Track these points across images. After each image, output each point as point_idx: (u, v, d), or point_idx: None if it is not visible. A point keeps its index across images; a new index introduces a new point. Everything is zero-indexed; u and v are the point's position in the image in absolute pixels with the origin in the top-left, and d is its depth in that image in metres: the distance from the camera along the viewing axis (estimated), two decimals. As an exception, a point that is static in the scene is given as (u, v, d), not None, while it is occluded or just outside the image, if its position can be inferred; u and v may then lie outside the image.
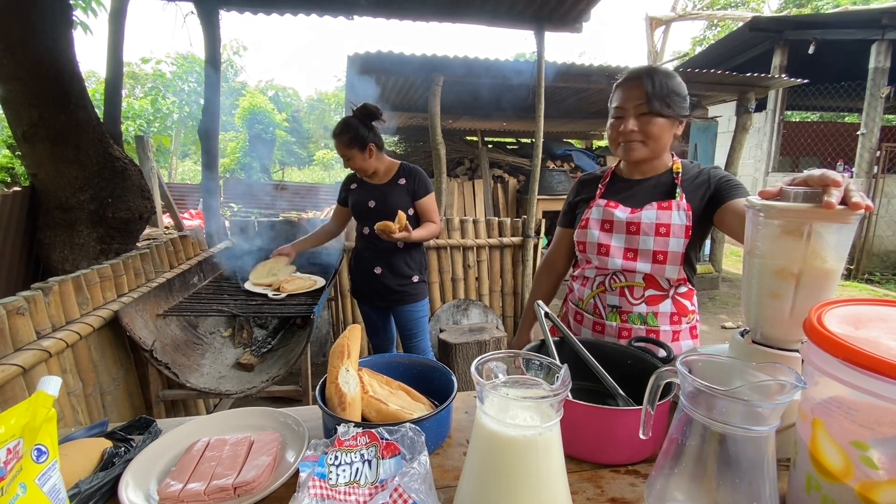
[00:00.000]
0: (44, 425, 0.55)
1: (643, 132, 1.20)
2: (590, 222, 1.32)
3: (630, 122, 1.20)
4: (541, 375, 0.58)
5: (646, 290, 1.26)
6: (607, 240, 1.28)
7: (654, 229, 1.22)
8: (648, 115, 1.18)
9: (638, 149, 1.22)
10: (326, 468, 0.63)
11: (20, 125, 2.16)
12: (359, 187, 2.26)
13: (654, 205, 1.24)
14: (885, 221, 6.40)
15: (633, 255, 1.25)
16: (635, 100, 1.18)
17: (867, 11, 6.31)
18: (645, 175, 1.31)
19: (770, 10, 13.13)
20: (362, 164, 2.14)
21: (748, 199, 0.74)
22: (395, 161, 2.26)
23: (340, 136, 2.11)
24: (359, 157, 2.12)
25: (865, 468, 0.51)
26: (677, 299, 1.27)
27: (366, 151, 2.12)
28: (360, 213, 2.25)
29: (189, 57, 14.85)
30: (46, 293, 1.56)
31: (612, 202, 1.30)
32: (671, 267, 1.22)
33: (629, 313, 1.27)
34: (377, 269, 2.23)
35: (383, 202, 2.18)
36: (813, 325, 0.57)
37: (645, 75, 1.18)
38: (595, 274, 1.33)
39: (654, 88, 1.16)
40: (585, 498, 0.68)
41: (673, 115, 1.19)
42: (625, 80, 1.24)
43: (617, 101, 1.24)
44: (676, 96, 1.19)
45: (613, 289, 1.29)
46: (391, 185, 2.21)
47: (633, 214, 1.25)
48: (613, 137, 1.27)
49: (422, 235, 2.17)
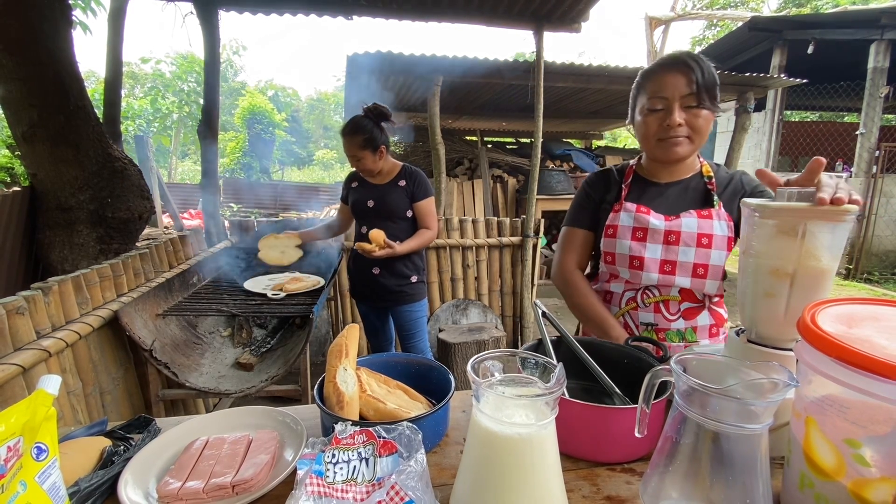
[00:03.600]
0: (44, 424, 0.56)
1: (690, 126, 1.06)
2: (619, 230, 1.16)
3: (676, 114, 1.05)
4: (536, 374, 0.59)
5: (682, 303, 1.14)
6: (641, 251, 1.13)
7: (696, 240, 1.09)
8: (697, 107, 1.04)
9: (683, 145, 1.08)
10: (324, 466, 0.63)
11: (20, 125, 2.16)
12: (359, 186, 2.25)
13: (692, 212, 1.11)
14: (883, 221, 6.41)
15: (670, 269, 1.11)
16: (683, 89, 1.04)
17: (866, 11, 6.31)
18: (673, 177, 1.18)
19: (769, 9, 13.13)
20: (372, 166, 2.11)
21: (744, 200, 0.75)
22: (397, 162, 2.25)
23: (353, 136, 2.05)
24: (370, 159, 2.08)
25: (858, 466, 0.52)
26: (713, 309, 1.17)
27: (377, 153, 2.09)
28: (359, 212, 2.24)
29: (188, 57, 14.85)
30: (46, 293, 1.56)
31: (643, 207, 1.15)
32: (711, 282, 1.11)
33: (666, 331, 1.15)
34: (375, 269, 2.22)
35: (382, 202, 2.17)
36: (806, 324, 0.57)
37: (692, 61, 1.04)
38: (623, 289, 1.20)
39: (703, 77, 1.03)
40: (581, 496, 0.68)
41: (716, 108, 1.06)
42: (663, 66, 1.07)
43: (655, 91, 1.07)
44: (717, 87, 1.06)
45: (647, 305, 1.16)
46: (391, 185, 2.19)
47: (671, 222, 1.12)
48: (651, 133, 1.10)
49: (410, 247, 2.14)
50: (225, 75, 16.32)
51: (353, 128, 2.06)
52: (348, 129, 2.07)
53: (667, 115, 1.06)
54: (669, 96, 1.05)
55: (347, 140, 2.07)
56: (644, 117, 1.11)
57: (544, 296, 5.10)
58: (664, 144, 1.09)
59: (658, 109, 1.07)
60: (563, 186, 5.85)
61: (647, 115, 1.10)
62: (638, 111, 1.13)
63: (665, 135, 1.08)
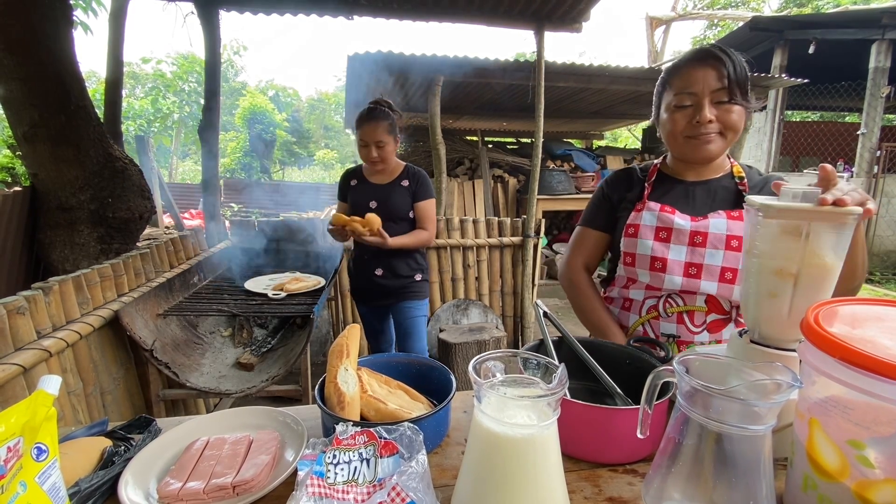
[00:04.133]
0: (44, 424, 0.55)
1: (723, 123, 1.01)
2: (641, 229, 1.10)
3: (707, 110, 0.99)
4: (538, 374, 0.59)
5: (708, 314, 1.08)
6: (664, 252, 1.07)
7: (725, 242, 1.03)
8: (729, 102, 0.99)
9: (715, 142, 1.02)
10: (324, 467, 0.63)
11: (21, 125, 2.16)
12: (359, 185, 2.16)
13: (721, 213, 1.06)
14: (885, 221, 6.40)
15: (695, 272, 1.05)
16: (713, 83, 0.99)
17: (867, 11, 6.31)
18: (701, 176, 1.12)
19: (770, 9, 13.13)
20: (390, 156, 2.04)
21: (747, 198, 0.75)
22: (400, 161, 2.19)
23: (381, 120, 1.96)
24: (391, 147, 2.01)
25: (862, 467, 0.51)
26: (740, 322, 1.09)
27: (396, 142, 2.05)
28: (361, 212, 2.13)
29: (189, 57, 14.87)
30: (47, 293, 1.56)
31: (667, 206, 1.10)
32: (739, 288, 1.03)
33: (689, 343, 1.09)
34: (378, 270, 2.16)
35: (385, 203, 2.10)
36: (810, 325, 0.57)
37: (723, 54, 0.99)
38: (644, 296, 1.13)
39: (735, 71, 0.98)
40: (583, 497, 0.68)
41: (749, 103, 1.01)
42: (692, 60, 1.02)
43: (684, 86, 1.02)
44: (749, 82, 1.01)
45: (669, 314, 1.09)
46: (394, 185, 2.12)
47: (698, 223, 1.06)
48: (679, 130, 1.04)
49: (403, 243, 2.06)
50: (225, 75, 16.33)
51: (379, 112, 1.98)
52: (375, 113, 1.97)
53: (696, 112, 1.01)
54: (699, 91, 1.00)
55: (372, 125, 1.96)
56: (671, 114, 1.05)
57: (545, 296, 5.09)
58: (694, 142, 1.03)
59: (687, 106, 1.02)
60: (563, 186, 5.84)
61: (675, 111, 1.04)
62: (664, 109, 1.08)
63: (695, 132, 1.02)
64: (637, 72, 4.78)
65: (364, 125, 1.98)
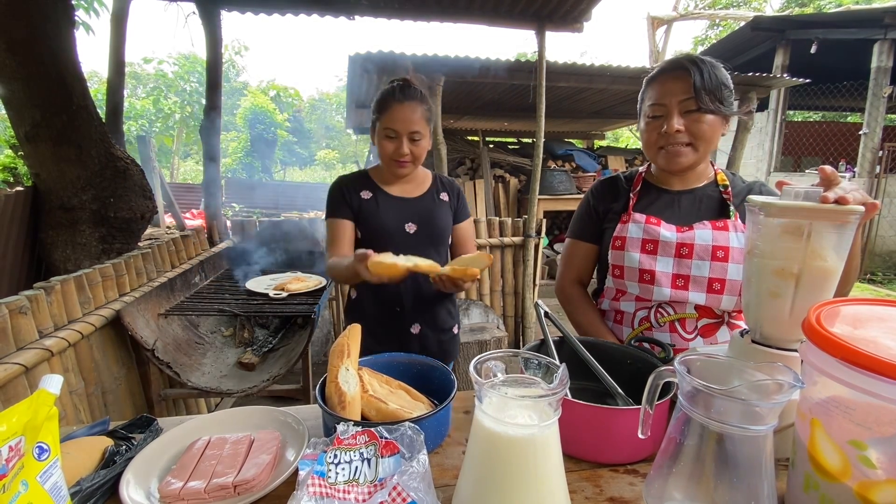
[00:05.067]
0: (45, 423, 0.56)
1: (691, 133, 1.01)
2: (628, 242, 1.10)
3: (674, 120, 1.00)
4: (539, 374, 0.58)
5: (699, 320, 1.08)
6: (651, 264, 1.08)
7: (711, 253, 1.04)
8: (697, 111, 1.00)
9: (685, 154, 1.03)
10: (325, 466, 0.63)
11: (23, 125, 2.17)
12: (377, 198, 1.42)
13: (706, 223, 1.06)
14: (887, 221, 6.39)
15: (683, 283, 1.06)
16: (680, 94, 1.00)
17: (869, 11, 6.29)
18: (686, 185, 1.12)
19: (772, 9, 13.10)
20: (423, 156, 1.39)
21: (748, 197, 0.75)
22: (424, 168, 1.53)
23: (417, 102, 1.33)
24: (426, 143, 1.38)
25: (863, 468, 0.51)
26: (733, 323, 1.09)
27: (429, 141, 1.42)
28: (387, 237, 1.38)
29: (191, 57, 14.89)
30: (48, 292, 1.56)
31: (653, 217, 1.10)
32: (728, 297, 1.04)
33: (684, 351, 1.13)
34: (415, 327, 1.44)
35: (428, 224, 1.43)
36: (812, 325, 0.57)
37: (690, 64, 0.99)
38: (635, 307, 1.13)
39: (702, 80, 0.98)
40: (584, 497, 0.68)
41: (723, 111, 1.01)
42: (663, 71, 1.04)
43: (655, 98, 1.04)
44: (726, 89, 1.01)
45: (661, 324, 1.10)
46: (433, 199, 1.46)
47: (683, 233, 1.06)
48: (651, 141, 1.06)
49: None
50: (227, 75, 16.32)
51: (415, 92, 1.35)
52: (409, 92, 1.34)
53: (665, 122, 1.02)
54: (667, 102, 1.02)
55: (408, 107, 1.31)
56: (646, 125, 1.07)
57: (546, 296, 5.08)
58: (664, 153, 1.05)
59: (657, 116, 1.04)
60: (564, 186, 5.84)
61: (648, 122, 1.07)
62: (642, 118, 1.10)
63: (664, 142, 1.04)
64: (638, 72, 4.77)
65: (393, 106, 1.31)
